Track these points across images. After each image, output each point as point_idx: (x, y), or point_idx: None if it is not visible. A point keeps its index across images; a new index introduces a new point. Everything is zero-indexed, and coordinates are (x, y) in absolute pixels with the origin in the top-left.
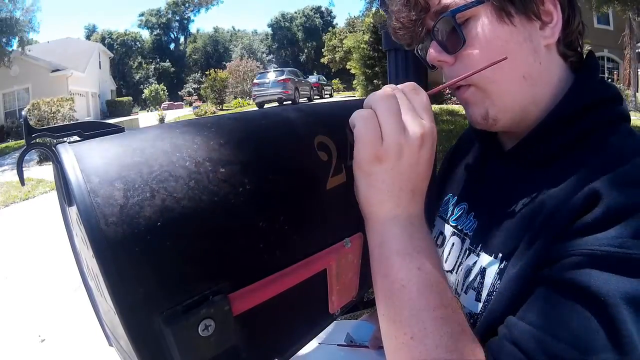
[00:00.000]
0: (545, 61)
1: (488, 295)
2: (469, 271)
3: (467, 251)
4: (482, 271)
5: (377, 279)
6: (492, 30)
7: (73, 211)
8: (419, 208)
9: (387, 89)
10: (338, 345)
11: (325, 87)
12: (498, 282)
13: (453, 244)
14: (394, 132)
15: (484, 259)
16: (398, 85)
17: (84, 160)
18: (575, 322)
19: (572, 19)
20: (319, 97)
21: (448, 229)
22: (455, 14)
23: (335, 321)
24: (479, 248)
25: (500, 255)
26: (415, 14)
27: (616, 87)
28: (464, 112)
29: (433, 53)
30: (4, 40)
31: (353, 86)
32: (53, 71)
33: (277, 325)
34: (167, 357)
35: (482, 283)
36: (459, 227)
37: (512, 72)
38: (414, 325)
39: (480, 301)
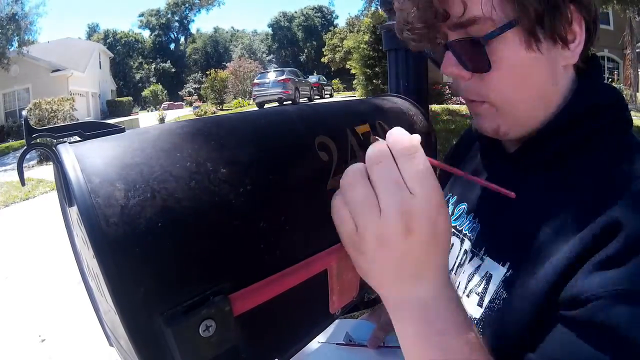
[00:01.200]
0: (561, 81)
1: (490, 302)
2: (472, 275)
3: (470, 254)
4: (488, 277)
5: None
6: (518, 57)
7: (74, 211)
8: (433, 290)
9: (373, 154)
10: (337, 344)
11: (325, 87)
12: (502, 289)
13: (452, 244)
14: (367, 223)
15: (489, 264)
16: (392, 145)
17: (85, 160)
18: None
19: (593, 36)
20: (319, 97)
21: None
22: (488, 40)
23: (334, 322)
24: (482, 252)
25: (508, 263)
26: (431, 19)
27: (619, 91)
28: (464, 112)
29: (450, 66)
30: (4, 41)
31: (353, 86)
32: (53, 71)
33: (277, 326)
34: (167, 358)
35: (486, 289)
36: (458, 227)
37: (530, 95)
38: None
39: (482, 307)
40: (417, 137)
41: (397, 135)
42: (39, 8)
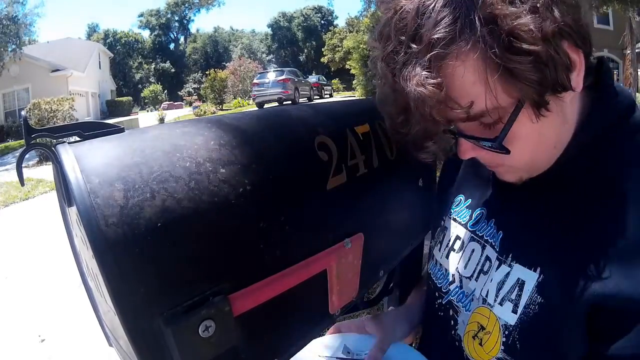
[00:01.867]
0: (571, 115)
1: (525, 307)
2: (502, 283)
3: (496, 261)
4: (520, 284)
5: None
6: (531, 129)
7: (73, 212)
8: None
9: None
10: (337, 358)
11: (325, 87)
12: (536, 295)
13: (473, 250)
14: None
15: (520, 270)
16: None
17: (84, 160)
18: None
19: (590, 53)
20: (318, 97)
21: (466, 234)
22: (503, 139)
23: (332, 335)
24: (510, 259)
25: (539, 268)
26: (431, 127)
27: (630, 94)
28: None
29: (468, 153)
30: (3, 41)
31: (353, 86)
32: (53, 71)
33: (277, 326)
34: (167, 358)
35: (519, 295)
36: (478, 232)
37: (545, 147)
38: None
39: (516, 313)
40: None
41: None
42: (38, 9)
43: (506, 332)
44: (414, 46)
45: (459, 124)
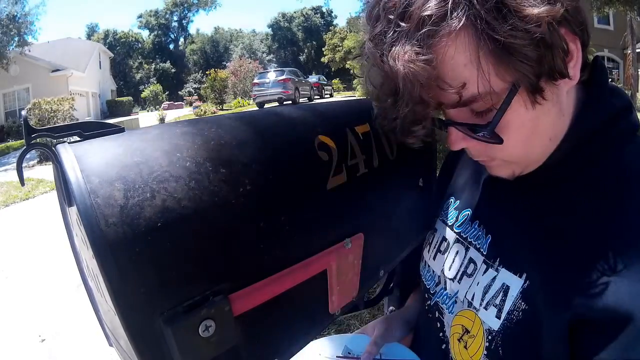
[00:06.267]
0: (567, 107)
1: (509, 313)
2: (487, 287)
3: (482, 265)
4: (505, 289)
5: None
6: (525, 117)
7: (73, 211)
8: None
9: None
10: (337, 357)
11: (325, 87)
12: (520, 301)
13: (457, 251)
14: None
15: (506, 275)
16: None
17: (84, 160)
18: None
19: (587, 40)
20: (319, 97)
21: (451, 235)
22: (495, 126)
23: (333, 335)
24: (497, 263)
25: (525, 274)
26: (421, 112)
27: (626, 95)
28: None
29: (459, 143)
30: (4, 41)
31: (353, 86)
32: (53, 71)
33: (277, 326)
34: (167, 358)
35: (503, 301)
36: (463, 234)
37: (540, 139)
38: None
39: (500, 319)
40: None
41: None
42: (39, 8)
43: (489, 337)
44: (403, 24)
45: (450, 112)
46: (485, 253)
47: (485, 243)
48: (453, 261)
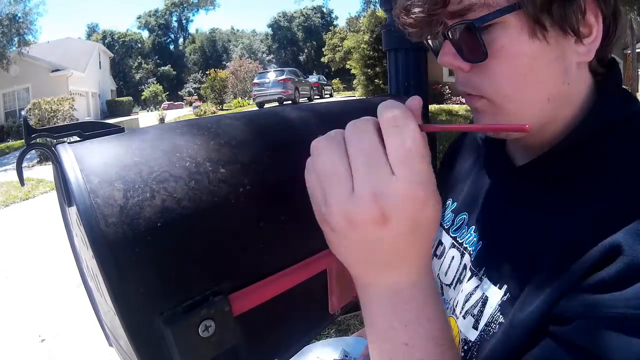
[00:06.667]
0: (574, 81)
1: (486, 325)
2: (469, 295)
3: (469, 272)
4: (484, 300)
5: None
6: (520, 45)
7: (73, 211)
8: (405, 280)
9: (354, 122)
10: None
11: (325, 87)
12: (498, 313)
13: (453, 257)
14: (335, 200)
15: (487, 286)
16: (379, 113)
17: (84, 160)
18: None
19: (613, 32)
20: (319, 97)
21: (447, 240)
22: (480, 24)
23: (332, 338)
24: (482, 272)
25: (505, 286)
26: (429, 8)
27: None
28: (464, 112)
29: (447, 57)
30: (4, 41)
31: (353, 86)
32: (53, 71)
33: (277, 326)
34: (167, 358)
35: (481, 312)
36: (458, 239)
37: (536, 93)
38: None
39: (477, 329)
40: (415, 102)
41: (387, 104)
42: (39, 7)
43: (465, 347)
44: None
45: (450, 22)
46: (472, 260)
47: (476, 250)
48: (449, 267)
